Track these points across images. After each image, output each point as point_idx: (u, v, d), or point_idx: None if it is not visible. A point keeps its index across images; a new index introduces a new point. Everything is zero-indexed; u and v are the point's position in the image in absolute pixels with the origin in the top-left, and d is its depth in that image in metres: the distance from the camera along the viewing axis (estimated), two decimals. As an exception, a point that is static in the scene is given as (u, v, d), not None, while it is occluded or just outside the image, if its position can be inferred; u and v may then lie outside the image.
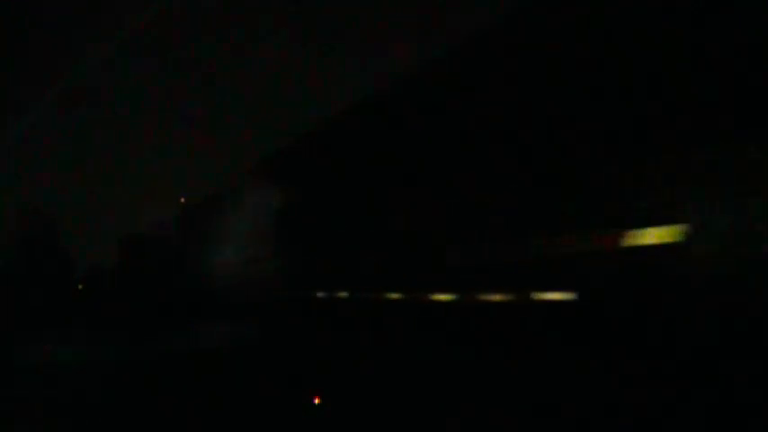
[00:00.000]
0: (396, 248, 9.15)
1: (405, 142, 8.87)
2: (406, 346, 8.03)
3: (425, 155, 8.33)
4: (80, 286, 24.58)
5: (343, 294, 10.44)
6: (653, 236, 5.48)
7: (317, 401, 5.08)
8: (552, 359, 5.94)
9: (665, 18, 5.56)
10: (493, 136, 7.26)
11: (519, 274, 6.83)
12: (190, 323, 13.71)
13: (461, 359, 6.75)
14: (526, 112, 6.87)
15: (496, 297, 7.18)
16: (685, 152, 5.31)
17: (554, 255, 6.39)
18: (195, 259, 18.29)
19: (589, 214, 6.09)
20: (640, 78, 5.72)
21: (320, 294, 11.16)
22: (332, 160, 10.79)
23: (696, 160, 5.22)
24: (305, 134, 11.56)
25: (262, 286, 12.71)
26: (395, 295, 9.10)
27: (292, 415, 4.86)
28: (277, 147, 12.65)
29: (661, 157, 5.52)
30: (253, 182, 12.56)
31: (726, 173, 5.00)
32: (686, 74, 5.35)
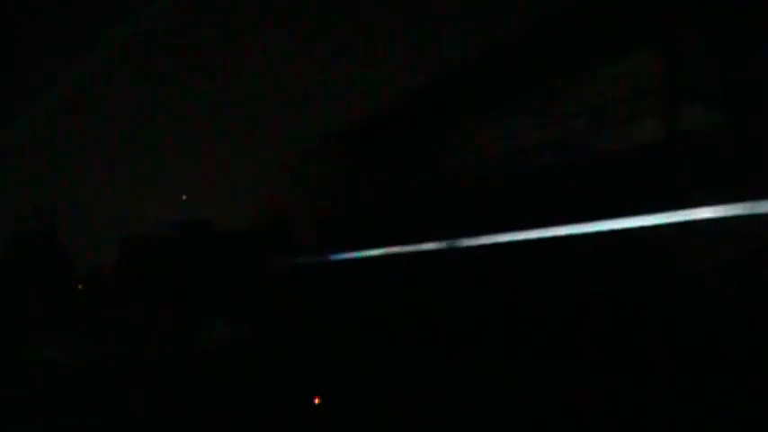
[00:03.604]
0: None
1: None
2: (407, 344, 8.03)
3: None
4: (80, 286, 24.61)
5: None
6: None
7: (317, 401, 5.09)
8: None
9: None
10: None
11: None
12: (190, 323, 13.73)
13: (461, 359, 6.74)
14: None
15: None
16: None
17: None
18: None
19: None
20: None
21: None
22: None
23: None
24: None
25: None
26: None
27: (292, 415, 4.86)
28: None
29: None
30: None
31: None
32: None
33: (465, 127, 8.30)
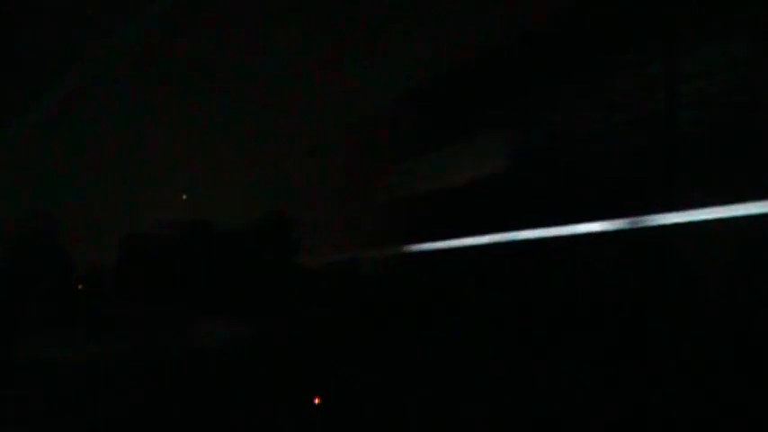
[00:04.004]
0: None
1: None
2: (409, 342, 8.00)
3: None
4: (80, 286, 24.55)
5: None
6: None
7: (316, 401, 5.07)
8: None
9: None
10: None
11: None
12: (190, 323, 13.70)
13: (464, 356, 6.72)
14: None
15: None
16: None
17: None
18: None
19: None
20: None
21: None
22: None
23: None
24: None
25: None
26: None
27: (292, 415, 4.85)
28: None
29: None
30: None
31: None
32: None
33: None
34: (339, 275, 11.43)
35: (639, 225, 5.63)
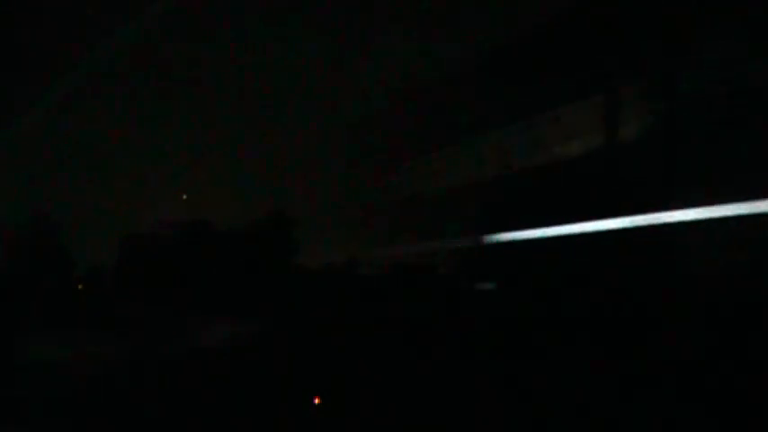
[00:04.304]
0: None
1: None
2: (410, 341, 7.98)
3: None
4: (80, 286, 24.54)
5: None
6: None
7: (317, 401, 5.07)
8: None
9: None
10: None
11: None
12: (190, 323, 13.68)
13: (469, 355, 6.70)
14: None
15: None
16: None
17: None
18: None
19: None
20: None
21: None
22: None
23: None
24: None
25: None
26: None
27: (292, 415, 4.84)
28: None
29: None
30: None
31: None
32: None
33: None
34: (339, 276, 11.41)
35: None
